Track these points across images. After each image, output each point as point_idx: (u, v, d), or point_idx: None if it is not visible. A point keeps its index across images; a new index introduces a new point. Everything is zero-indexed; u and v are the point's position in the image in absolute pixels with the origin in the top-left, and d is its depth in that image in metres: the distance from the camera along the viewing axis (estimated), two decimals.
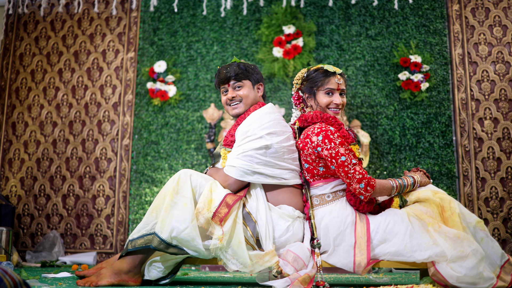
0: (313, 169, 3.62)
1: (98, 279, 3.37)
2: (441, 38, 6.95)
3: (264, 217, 3.50)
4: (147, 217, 3.49)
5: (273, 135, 3.61)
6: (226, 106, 3.91)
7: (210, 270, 5.92)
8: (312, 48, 7.03)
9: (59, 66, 7.60)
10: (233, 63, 3.92)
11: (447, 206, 3.46)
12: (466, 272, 3.16)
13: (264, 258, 3.39)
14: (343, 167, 3.44)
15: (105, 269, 3.44)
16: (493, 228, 6.42)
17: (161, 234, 3.34)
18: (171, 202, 3.42)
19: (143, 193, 7.00)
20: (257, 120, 3.69)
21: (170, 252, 3.37)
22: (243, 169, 3.55)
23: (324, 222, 3.53)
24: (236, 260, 3.36)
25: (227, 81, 3.86)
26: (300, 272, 3.33)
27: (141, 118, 7.25)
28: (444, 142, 6.67)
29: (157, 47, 7.40)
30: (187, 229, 3.34)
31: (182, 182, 3.48)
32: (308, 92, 3.80)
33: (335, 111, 3.74)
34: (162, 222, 3.37)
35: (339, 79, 3.73)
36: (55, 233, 7.04)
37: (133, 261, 3.43)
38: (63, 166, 7.31)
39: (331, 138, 3.50)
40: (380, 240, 3.42)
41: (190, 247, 3.38)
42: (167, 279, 3.58)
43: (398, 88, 6.86)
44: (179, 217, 3.37)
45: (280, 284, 3.27)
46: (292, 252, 3.44)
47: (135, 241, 3.41)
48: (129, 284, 3.40)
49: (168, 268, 3.56)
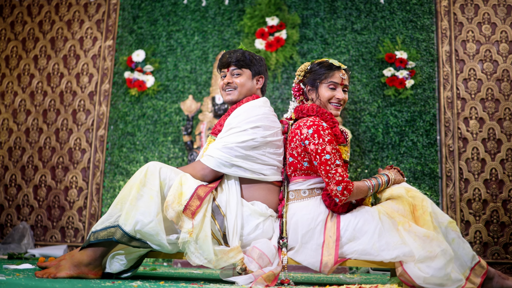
0: (297, 163, 3.64)
1: (57, 270, 3.36)
2: (429, 34, 6.98)
3: (234, 212, 3.52)
4: (111, 209, 3.50)
5: (258, 129, 3.64)
6: (222, 91, 3.96)
7: (183, 266, 5.93)
8: (296, 41, 7.04)
9: (34, 52, 7.59)
10: (239, 49, 3.96)
11: (419, 204, 3.49)
12: (434, 273, 3.19)
13: (229, 254, 3.41)
14: (325, 165, 3.46)
15: (64, 261, 3.43)
16: (474, 231, 6.46)
17: (125, 227, 3.34)
18: (137, 194, 3.42)
19: (117, 186, 7.00)
20: (245, 113, 3.72)
21: (132, 245, 3.38)
22: (221, 160, 3.58)
23: (295, 217, 3.55)
24: (201, 254, 3.37)
25: (227, 66, 3.91)
26: (264, 269, 3.35)
27: (118, 109, 7.25)
28: (428, 141, 6.70)
29: (136, 35, 7.40)
30: (152, 223, 3.35)
31: (150, 175, 3.48)
32: (311, 85, 3.81)
33: (336, 106, 3.75)
34: (126, 214, 3.37)
35: (343, 74, 3.75)
36: (25, 224, 7.02)
37: (94, 253, 3.43)
38: (36, 155, 7.31)
39: (321, 133, 3.52)
40: (349, 238, 3.45)
41: (153, 242, 3.39)
42: (129, 272, 3.58)
43: (382, 85, 6.88)
44: (144, 210, 3.37)
45: (243, 280, 3.29)
46: (257, 248, 3.46)
47: (98, 233, 3.41)
48: (88, 276, 3.40)
49: (131, 261, 3.56)
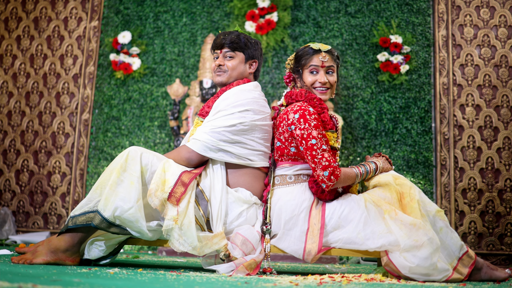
0: (284, 148, 3.68)
1: (33, 256, 3.38)
2: (425, 18, 6.98)
3: (219, 197, 3.55)
4: (91, 193, 3.53)
5: (247, 112, 3.67)
6: (212, 72, 3.98)
7: (167, 254, 5.97)
8: (287, 23, 7.04)
9: (17, 32, 7.58)
10: (235, 31, 3.98)
11: (407, 192, 3.52)
12: (419, 263, 3.22)
13: (213, 240, 3.44)
14: (311, 150, 3.49)
15: (41, 246, 3.45)
16: (469, 221, 6.49)
17: (104, 213, 3.37)
18: (117, 179, 3.44)
19: (101, 171, 7.00)
20: (233, 96, 3.75)
21: (111, 231, 3.41)
22: (208, 144, 3.61)
23: (279, 203, 3.59)
24: (185, 241, 3.39)
25: (220, 48, 3.93)
26: (246, 258, 3.38)
27: (103, 92, 7.25)
28: (423, 129, 6.72)
29: (123, 16, 7.39)
30: (132, 209, 3.37)
31: (131, 159, 3.51)
32: (296, 72, 3.89)
33: (321, 91, 3.78)
34: (105, 200, 3.40)
35: (324, 56, 3.77)
36: (6, 210, 7.03)
37: (72, 239, 3.45)
38: (18, 139, 7.31)
39: (307, 118, 3.56)
40: (333, 226, 3.48)
41: (133, 228, 3.42)
42: (107, 259, 3.61)
43: (376, 70, 6.90)
44: (124, 195, 3.40)
45: (224, 268, 3.33)
46: (240, 235, 3.50)
47: (76, 218, 3.43)
48: (66, 263, 3.43)
49: (110, 247, 3.59)
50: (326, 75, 3.79)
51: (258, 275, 3.35)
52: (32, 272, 2.77)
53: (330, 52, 3.83)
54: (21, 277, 2.48)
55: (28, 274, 2.63)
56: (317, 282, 2.89)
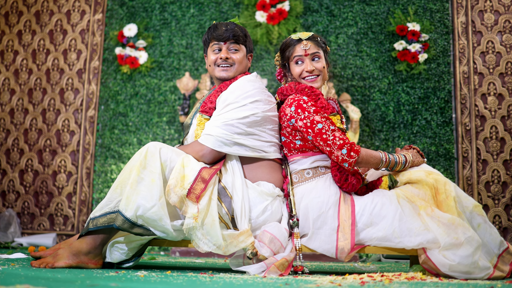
0: (290, 142, 3.68)
1: (54, 260, 3.36)
2: (443, 4, 6.94)
3: (240, 193, 3.52)
4: (110, 193, 3.50)
5: (259, 103, 3.66)
6: (214, 66, 3.92)
7: (181, 255, 5.94)
8: (299, 13, 7.01)
9: (18, 27, 7.54)
10: (232, 22, 3.96)
11: (442, 188, 3.48)
12: (460, 261, 3.19)
13: (238, 238, 3.41)
14: (320, 134, 3.48)
15: (62, 250, 3.43)
16: (493, 215, 6.46)
17: (126, 213, 3.34)
18: (137, 177, 3.41)
19: (108, 170, 6.99)
20: (239, 88, 3.73)
21: (134, 232, 3.37)
22: (222, 138, 3.57)
23: (304, 202, 3.55)
24: (209, 240, 3.37)
25: (224, 40, 3.89)
26: (276, 256, 3.35)
27: (108, 87, 7.22)
28: (443, 120, 6.69)
29: (128, 8, 7.35)
30: (154, 207, 3.34)
31: (150, 156, 3.48)
32: (283, 67, 3.94)
33: (311, 79, 3.80)
34: (127, 199, 3.37)
35: (305, 44, 3.80)
36: (11, 211, 7.01)
37: (93, 241, 3.43)
38: (21, 138, 7.28)
39: (304, 107, 3.57)
40: (365, 223, 3.44)
41: (157, 227, 3.38)
42: (130, 262, 3.58)
43: (393, 59, 6.86)
44: (146, 194, 3.37)
45: (255, 269, 3.29)
46: (268, 232, 3.46)
47: (97, 220, 3.41)
48: (88, 266, 3.40)
49: (132, 250, 3.56)
50: (312, 63, 3.81)
51: (291, 274, 3.31)
52: (61, 276, 2.74)
53: (312, 39, 3.85)
54: (53, 282, 2.45)
55: (58, 279, 2.60)
56: (358, 282, 2.86)
